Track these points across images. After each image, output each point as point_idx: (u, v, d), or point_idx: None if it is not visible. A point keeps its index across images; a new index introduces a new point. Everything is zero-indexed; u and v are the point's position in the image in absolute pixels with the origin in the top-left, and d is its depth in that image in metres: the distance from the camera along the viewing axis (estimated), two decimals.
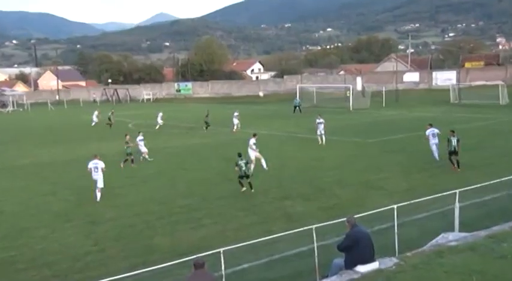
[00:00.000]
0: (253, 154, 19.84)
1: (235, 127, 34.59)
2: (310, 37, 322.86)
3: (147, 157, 23.43)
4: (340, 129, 33.44)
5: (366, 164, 20.88)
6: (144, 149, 23.60)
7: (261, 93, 45.41)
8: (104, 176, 17.04)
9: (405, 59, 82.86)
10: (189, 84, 79.72)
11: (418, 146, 24.98)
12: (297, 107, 46.87)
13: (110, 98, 79.33)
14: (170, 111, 56.85)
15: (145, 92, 78.56)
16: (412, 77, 68.39)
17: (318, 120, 26.68)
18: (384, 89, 54.42)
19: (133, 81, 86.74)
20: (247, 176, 16.58)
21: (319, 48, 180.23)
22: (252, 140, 19.97)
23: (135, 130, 32.34)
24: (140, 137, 23.63)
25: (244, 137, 30.69)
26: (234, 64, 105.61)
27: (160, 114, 39.08)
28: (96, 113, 44.07)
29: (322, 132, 26.31)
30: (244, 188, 16.91)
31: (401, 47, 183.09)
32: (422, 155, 21.59)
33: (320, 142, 26.21)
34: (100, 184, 16.84)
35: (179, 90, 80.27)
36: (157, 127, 37.47)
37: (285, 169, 20.44)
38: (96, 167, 17.39)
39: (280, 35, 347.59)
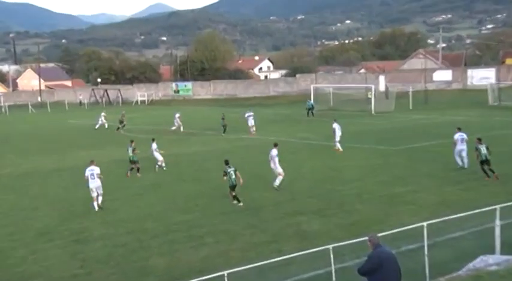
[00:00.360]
0: (278, 167, 19.07)
1: (253, 129, 35.96)
2: (326, 30, 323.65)
3: (163, 165, 24.06)
4: (360, 135, 33.36)
5: (391, 175, 20.84)
6: (160, 157, 24.19)
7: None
8: (81, 190, 17.35)
9: (435, 55, 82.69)
10: (189, 85, 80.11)
11: (451, 154, 24.91)
12: (310, 110, 47.48)
13: (100, 100, 79.92)
14: (167, 115, 57.18)
15: (139, 93, 79.02)
16: (443, 75, 68.23)
17: (336, 125, 27.53)
18: (410, 90, 54.34)
19: (126, 81, 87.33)
20: (234, 187, 16.99)
21: (336, 43, 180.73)
22: (274, 152, 19.14)
23: (128, 136, 32.55)
24: (154, 145, 24.25)
25: (249, 144, 30.82)
26: (240, 62, 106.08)
27: (178, 115, 40.27)
28: (103, 114, 45.17)
29: (339, 138, 27.26)
30: (238, 203, 17.05)
31: (430, 41, 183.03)
32: (456, 165, 21.53)
33: (340, 150, 26.97)
34: (100, 190, 17.73)
35: (178, 91, 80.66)
36: (173, 128, 39.25)
37: (298, 181, 20.45)
38: (93, 174, 17.93)
39: (291, 28, 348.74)
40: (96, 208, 17.58)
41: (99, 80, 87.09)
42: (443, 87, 67.07)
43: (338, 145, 27.12)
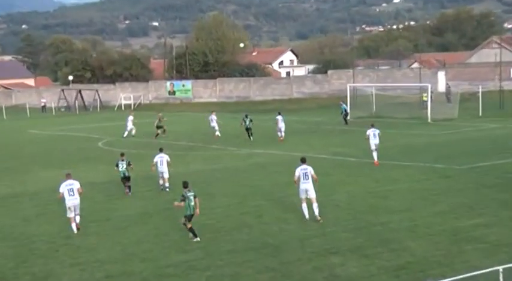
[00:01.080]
0: (311, 188, 19.21)
1: (281, 134, 39.81)
2: (368, 13, 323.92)
3: (166, 185, 24.94)
4: (413, 150, 33.24)
5: (453, 203, 20.72)
6: (167, 174, 24.99)
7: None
8: (46, 221, 17.62)
9: None
10: (188, 84, 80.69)
11: None
12: (344, 116, 48.38)
13: (71, 104, 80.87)
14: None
15: (123, 95, 79.80)
16: None
17: (371, 131, 29.55)
18: (480, 90, 54.05)
19: (106, 79, 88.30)
20: (192, 217, 17.56)
21: (380, 29, 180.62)
22: (308, 168, 19.26)
23: (109, 151, 32.97)
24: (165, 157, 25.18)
25: (267, 162, 30.90)
26: (254, 54, 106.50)
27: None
28: (130, 118, 46.91)
29: (377, 146, 29.30)
30: (195, 237, 17.45)
31: (508, 25, 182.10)
32: None
33: (376, 161, 28.95)
34: (78, 210, 19.18)
35: (173, 93, 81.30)
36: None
37: (330, 209, 20.45)
38: (72, 189, 18.94)
39: (322, 10, 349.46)
40: (75, 230, 18.88)
41: (70, 77, 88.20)
42: None
43: (374, 155, 29.01)
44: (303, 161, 19.48)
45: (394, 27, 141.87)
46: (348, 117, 49.33)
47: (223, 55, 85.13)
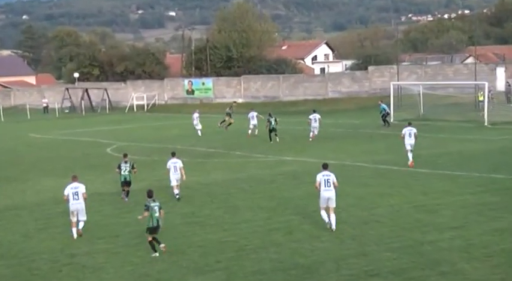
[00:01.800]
0: (333, 196, 19.94)
1: (313, 134, 42.59)
2: (414, 1, 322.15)
3: (176, 191, 25.52)
4: (466, 158, 32.93)
5: None
6: (180, 181, 25.56)
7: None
8: (48, 236, 18.25)
9: None
10: (209, 82, 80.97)
11: None
12: (384, 117, 48.85)
13: (77, 105, 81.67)
14: (175, 126, 57.93)
15: (135, 95, 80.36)
16: None
17: (407, 130, 31.39)
18: None
19: (117, 77, 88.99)
20: (158, 228, 18.31)
21: (429, 18, 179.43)
22: (331, 175, 20.14)
23: (118, 158, 32.94)
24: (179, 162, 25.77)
25: (297, 170, 30.84)
26: (284, 48, 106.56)
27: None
28: (196, 115, 48.96)
29: (412, 146, 31.15)
30: (155, 252, 18.06)
31: None
32: None
33: (411, 162, 30.84)
34: (82, 215, 20.47)
35: (192, 92, 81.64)
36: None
37: (371, 225, 20.40)
38: (77, 193, 20.30)
39: None
40: (75, 235, 20.14)
41: (76, 75, 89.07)
42: None
43: (409, 156, 30.91)
44: (325, 167, 20.31)
45: (446, 16, 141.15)
46: (391, 120, 49.08)
47: (249, 49, 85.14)
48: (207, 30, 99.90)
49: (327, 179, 19.87)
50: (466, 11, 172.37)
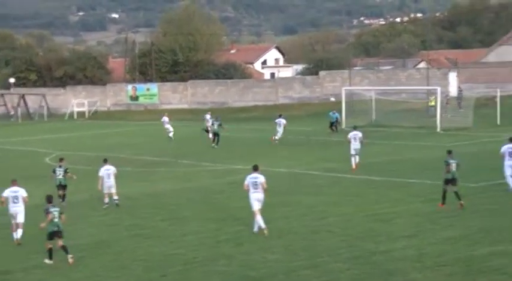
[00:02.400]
0: (262, 198, 20.88)
1: (276, 137, 44.50)
2: (366, 3, 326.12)
3: (115, 197, 25.87)
4: (420, 164, 33.44)
5: (467, 227, 20.89)
6: (114, 188, 25.86)
7: (332, 99, 46.48)
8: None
9: None
10: (154, 88, 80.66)
11: None
12: (333, 124, 49.83)
13: (12, 112, 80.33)
14: (118, 134, 57.48)
15: (75, 101, 79.53)
16: None
17: (352, 134, 32.74)
18: (498, 94, 54.67)
19: (55, 82, 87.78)
20: (60, 232, 18.71)
21: (382, 22, 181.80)
22: (259, 177, 20.93)
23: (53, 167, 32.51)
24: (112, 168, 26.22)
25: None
26: (233, 52, 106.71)
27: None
28: (166, 119, 51.05)
29: (358, 151, 32.49)
30: (50, 261, 18.45)
31: None
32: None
33: (354, 167, 32.21)
34: (21, 218, 20.97)
35: (136, 98, 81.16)
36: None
37: (322, 235, 20.54)
38: (17, 197, 20.88)
39: (314, 0, 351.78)
40: (16, 237, 20.41)
41: (12, 80, 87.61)
42: None
43: (352, 161, 32.39)
44: (255, 169, 21.15)
45: (398, 20, 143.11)
46: (343, 126, 49.69)
47: (196, 53, 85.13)
48: (152, 33, 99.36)
49: (255, 182, 20.71)
50: (419, 15, 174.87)
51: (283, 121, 45.27)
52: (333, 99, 48.26)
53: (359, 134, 32.87)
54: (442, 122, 48.78)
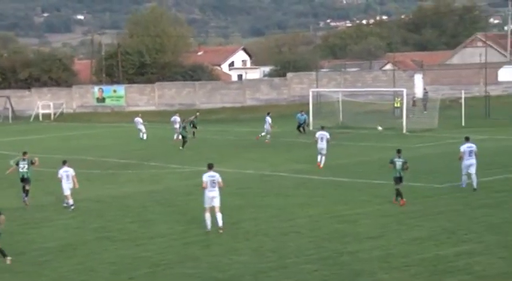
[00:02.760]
0: (218, 196, 21.58)
1: (262, 134, 46.42)
2: (333, 6, 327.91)
3: (70, 202, 25.50)
4: (386, 166, 33.61)
5: (433, 227, 21.10)
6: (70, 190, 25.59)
7: (379, 128, 46.76)
8: None
9: (502, 41, 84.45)
10: (121, 89, 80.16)
11: None
12: (301, 126, 49.96)
13: None
14: (85, 136, 57.04)
15: (41, 103, 78.75)
16: None
17: (319, 134, 33.88)
18: (463, 96, 55.29)
19: (20, 84, 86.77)
20: None
21: (348, 24, 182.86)
22: (216, 176, 21.69)
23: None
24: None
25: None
26: (200, 53, 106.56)
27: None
28: (140, 120, 52.03)
29: (324, 151, 33.64)
30: (8, 258, 18.72)
31: (495, 20, 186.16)
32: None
33: (318, 162, 33.51)
34: None
35: (103, 100, 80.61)
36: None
37: (290, 237, 20.60)
38: None
39: (280, 1, 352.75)
40: None
41: None
42: None
43: (319, 158, 33.54)
44: (210, 167, 21.92)
45: (364, 22, 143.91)
46: (310, 128, 49.90)
47: (163, 55, 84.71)
48: (118, 34, 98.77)
49: (212, 180, 21.44)
50: (384, 17, 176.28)
51: (269, 120, 46.87)
52: (380, 128, 48.70)
53: (326, 134, 33.86)
54: (408, 123, 49.14)
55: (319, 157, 33.86)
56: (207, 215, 21.40)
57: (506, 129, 47.63)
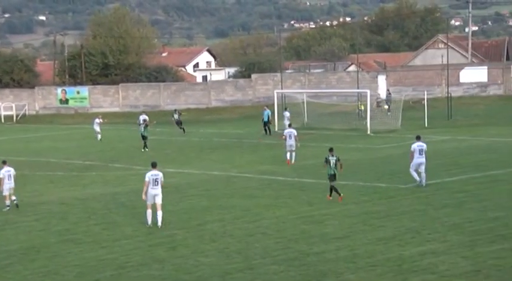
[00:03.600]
0: (160, 193, 22.64)
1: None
2: (297, 7, 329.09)
3: (14, 197, 25.71)
4: (351, 166, 33.79)
5: (397, 227, 21.29)
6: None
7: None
8: None
9: (463, 43, 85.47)
10: (84, 91, 79.52)
11: (487, 195, 25.69)
12: (266, 125, 50.01)
13: None
14: (48, 138, 56.47)
15: (2, 105, 77.81)
16: (475, 75, 70.47)
17: (287, 131, 35.47)
18: (425, 97, 55.84)
19: None
20: None
21: (312, 26, 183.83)
22: (159, 175, 22.60)
23: None
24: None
25: (181, 183, 30.84)
26: (164, 55, 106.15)
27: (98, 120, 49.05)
28: (98, 121, 51.55)
29: (293, 148, 34.84)
30: None
31: (456, 22, 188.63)
32: (500, 212, 22.39)
33: (291, 162, 34.63)
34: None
35: (66, 101, 79.88)
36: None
37: (256, 238, 20.63)
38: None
39: (244, 3, 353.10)
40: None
41: None
42: (476, 93, 69.24)
43: (288, 155, 34.92)
44: (154, 166, 22.75)
45: (328, 23, 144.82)
46: (275, 129, 50.04)
47: (127, 56, 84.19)
48: (81, 35, 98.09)
49: (155, 179, 22.31)
50: (348, 19, 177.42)
51: (287, 114, 49.17)
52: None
53: (294, 131, 35.11)
54: (372, 124, 49.50)
55: (288, 154, 34.92)
56: (149, 212, 22.36)
57: (468, 130, 48.22)
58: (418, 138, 28.16)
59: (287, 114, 49.56)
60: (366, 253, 18.57)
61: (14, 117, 76.28)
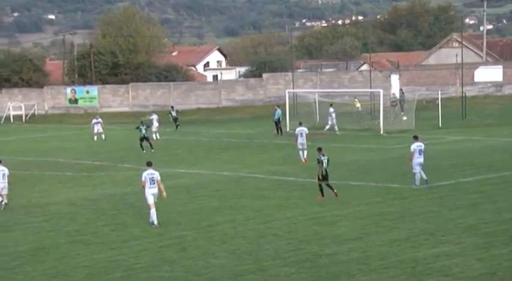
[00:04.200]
0: (156, 192, 22.88)
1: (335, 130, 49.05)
2: (309, 5, 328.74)
3: (5, 201, 25.75)
4: (363, 167, 33.86)
5: (411, 229, 21.22)
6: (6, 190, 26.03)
7: (404, 118, 49.09)
8: None
9: (478, 42, 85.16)
10: (93, 90, 79.74)
11: (502, 196, 25.57)
12: (278, 124, 50.04)
13: None
14: (57, 138, 56.67)
15: (11, 105, 78.09)
16: (490, 74, 70.20)
17: (298, 130, 35.76)
18: (439, 96, 55.56)
19: None
20: None
21: (324, 24, 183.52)
22: (155, 173, 23.04)
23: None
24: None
25: (191, 183, 30.86)
26: (174, 54, 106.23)
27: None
28: (96, 120, 52.11)
29: (305, 146, 35.39)
30: None
31: (470, 21, 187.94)
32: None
33: (303, 161, 34.89)
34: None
35: (75, 101, 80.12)
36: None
37: (268, 239, 20.61)
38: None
39: (255, 1, 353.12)
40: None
41: None
42: (491, 93, 68.95)
43: (301, 154, 35.44)
44: (149, 165, 23.20)
45: (340, 22, 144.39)
46: (287, 129, 49.94)
47: (137, 55, 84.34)
48: (90, 34, 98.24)
49: (152, 178, 22.69)
50: (360, 17, 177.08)
51: (332, 111, 49.58)
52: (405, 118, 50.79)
53: (305, 129, 35.74)
54: (385, 124, 49.38)
55: (301, 153, 35.41)
56: (152, 211, 22.75)
57: (482, 130, 48.04)
58: (416, 138, 28.53)
59: (331, 110, 49.92)
60: (378, 255, 18.52)
61: (23, 117, 76.63)
